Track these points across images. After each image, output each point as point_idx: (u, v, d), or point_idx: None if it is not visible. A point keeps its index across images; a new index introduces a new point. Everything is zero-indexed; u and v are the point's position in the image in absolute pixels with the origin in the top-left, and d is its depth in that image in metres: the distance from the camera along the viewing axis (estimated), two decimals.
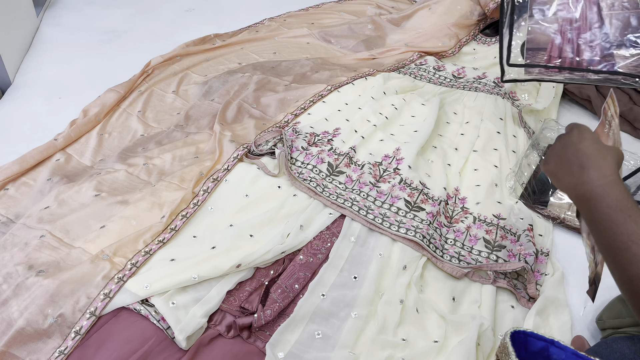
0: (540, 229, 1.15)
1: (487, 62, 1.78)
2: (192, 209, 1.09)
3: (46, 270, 0.94)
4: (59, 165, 1.24)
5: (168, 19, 2.07)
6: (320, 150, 1.26)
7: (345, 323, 0.93)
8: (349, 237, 1.07)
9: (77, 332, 0.87)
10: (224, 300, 0.93)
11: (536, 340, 0.60)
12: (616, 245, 0.60)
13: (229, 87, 1.55)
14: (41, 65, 1.69)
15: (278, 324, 0.91)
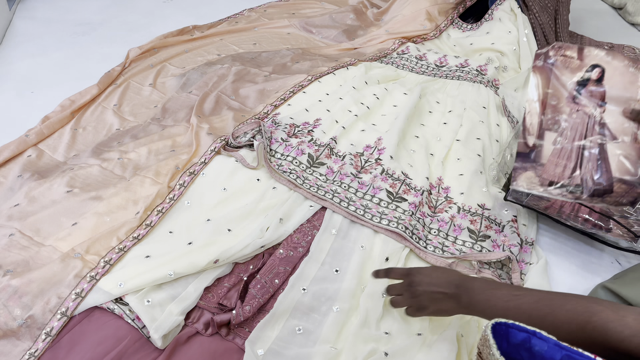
0: (524, 219, 1.14)
1: (467, 49, 1.76)
2: (168, 204, 1.06)
3: (14, 269, 0.91)
4: (30, 162, 1.20)
5: (145, 10, 2.02)
6: (301, 142, 1.24)
7: (326, 317, 0.90)
8: (330, 230, 1.05)
9: (48, 333, 0.83)
10: (202, 297, 0.91)
11: (518, 331, 0.58)
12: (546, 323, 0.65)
13: (207, 79, 1.52)
14: (13, 59, 1.64)
15: (258, 320, 0.89)
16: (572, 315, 0.62)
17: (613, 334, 0.57)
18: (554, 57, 1.08)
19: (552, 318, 0.64)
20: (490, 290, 0.72)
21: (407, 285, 0.82)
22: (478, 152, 1.27)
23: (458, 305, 0.75)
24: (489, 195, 1.17)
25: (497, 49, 1.70)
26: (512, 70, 1.67)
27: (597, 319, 0.60)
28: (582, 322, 0.61)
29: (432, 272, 0.81)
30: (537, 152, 1.08)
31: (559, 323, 0.63)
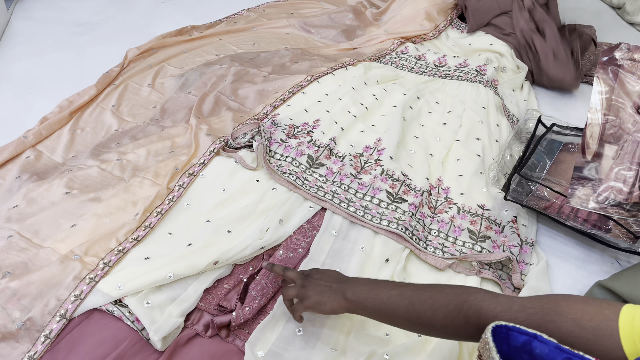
0: (524, 219, 1.14)
1: (466, 49, 1.76)
2: (168, 205, 1.05)
3: (13, 272, 0.90)
4: (28, 163, 1.20)
5: (143, 10, 2.01)
6: (300, 142, 1.23)
7: (327, 319, 0.90)
8: (329, 231, 1.05)
9: (47, 335, 0.83)
10: (202, 298, 0.91)
11: (518, 334, 0.57)
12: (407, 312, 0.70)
13: (206, 80, 1.51)
14: (11, 59, 1.63)
15: (258, 321, 0.88)
16: (450, 297, 0.66)
17: (486, 310, 0.60)
18: (621, 59, 1.01)
19: (432, 301, 0.67)
20: (375, 282, 0.77)
21: (304, 276, 0.83)
22: (478, 152, 1.27)
23: (341, 297, 0.77)
24: (488, 196, 1.17)
25: (496, 50, 1.70)
26: (511, 71, 1.67)
27: (473, 298, 0.63)
28: (459, 302, 0.64)
29: (327, 271, 0.84)
30: (596, 167, 1.01)
31: (438, 305, 0.66)
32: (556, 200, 1.13)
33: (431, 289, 0.70)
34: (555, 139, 1.33)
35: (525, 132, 1.36)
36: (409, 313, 0.69)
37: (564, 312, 0.55)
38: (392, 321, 0.73)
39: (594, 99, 1.03)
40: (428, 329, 0.69)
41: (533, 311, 0.57)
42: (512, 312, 0.58)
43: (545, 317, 0.56)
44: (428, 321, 0.67)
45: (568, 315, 0.55)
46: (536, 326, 0.54)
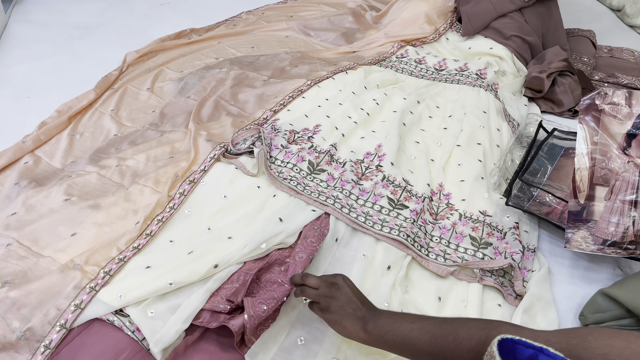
0: (526, 225, 1.13)
1: (466, 52, 1.75)
2: (168, 213, 1.04)
3: (12, 281, 0.89)
4: (27, 169, 1.19)
5: (142, 13, 2.00)
6: (301, 148, 1.23)
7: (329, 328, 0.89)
8: (333, 238, 1.04)
9: (47, 346, 0.82)
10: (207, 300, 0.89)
11: (525, 348, 0.57)
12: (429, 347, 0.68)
13: (205, 84, 1.51)
14: (9, 63, 1.63)
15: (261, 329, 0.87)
16: (473, 332, 0.64)
17: None
18: (601, 104, 1.04)
19: (454, 336, 0.66)
20: (397, 315, 0.75)
21: (330, 284, 0.81)
22: (479, 157, 1.27)
23: (361, 329, 0.76)
24: (490, 202, 1.16)
25: (496, 54, 1.70)
26: (511, 75, 1.67)
27: (497, 333, 0.60)
28: (482, 336, 0.62)
29: (355, 289, 0.81)
30: (589, 210, 1.04)
31: (461, 339, 0.65)
32: (558, 206, 1.13)
33: (454, 322, 0.69)
34: (557, 143, 1.33)
35: (526, 137, 1.36)
36: (431, 347, 0.68)
37: (591, 347, 0.54)
38: (414, 355, 0.72)
39: (579, 145, 1.05)
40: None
41: (559, 347, 0.56)
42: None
43: (573, 354, 0.55)
44: (451, 356, 0.66)
45: (596, 350, 0.54)
46: None
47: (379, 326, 0.74)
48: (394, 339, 0.72)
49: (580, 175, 1.04)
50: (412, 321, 0.72)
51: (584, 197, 1.04)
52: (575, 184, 1.04)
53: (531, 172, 1.21)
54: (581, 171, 1.05)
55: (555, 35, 1.80)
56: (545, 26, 1.78)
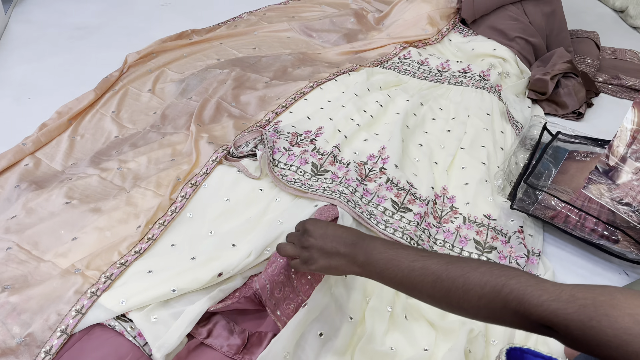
0: (531, 229, 1.13)
1: (469, 54, 1.74)
2: (170, 217, 1.03)
3: (13, 285, 0.89)
4: (27, 171, 1.18)
5: (142, 14, 1.99)
6: (303, 151, 1.22)
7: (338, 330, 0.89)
8: None
9: (47, 352, 0.81)
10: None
11: (533, 357, 0.56)
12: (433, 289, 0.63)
13: (206, 85, 1.50)
14: (9, 64, 1.62)
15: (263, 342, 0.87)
16: (486, 277, 0.59)
17: (530, 297, 0.54)
18: None
19: (464, 280, 0.60)
20: (393, 250, 0.68)
21: (301, 234, 0.76)
22: (483, 160, 1.26)
23: (352, 263, 0.70)
24: (494, 205, 1.15)
25: (499, 55, 1.69)
26: (515, 76, 1.66)
27: (515, 282, 0.56)
28: (498, 284, 0.57)
29: (328, 226, 0.75)
30: (615, 173, 1.11)
31: (471, 285, 0.59)
32: (563, 209, 1.12)
33: (463, 264, 0.62)
34: (561, 146, 1.32)
35: (530, 139, 1.35)
36: (435, 290, 0.62)
37: (620, 305, 0.49)
38: (413, 295, 0.66)
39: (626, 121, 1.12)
40: (455, 308, 0.62)
41: (585, 302, 0.51)
42: (560, 302, 0.52)
43: (599, 311, 0.49)
44: (457, 301, 0.60)
45: (625, 309, 0.49)
46: (587, 319, 0.49)
47: (374, 262, 0.68)
48: (392, 277, 0.67)
49: (618, 144, 1.11)
50: (413, 259, 0.65)
51: (614, 162, 1.10)
52: (612, 146, 1.12)
53: (536, 175, 1.20)
54: (620, 140, 1.11)
55: (559, 36, 1.79)
56: (549, 27, 1.77)
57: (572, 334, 0.50)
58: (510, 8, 1.77)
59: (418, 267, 0.64)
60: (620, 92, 1.73)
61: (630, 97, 1.71)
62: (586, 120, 1.59)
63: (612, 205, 1.06)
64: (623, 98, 1.71)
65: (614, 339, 0.47)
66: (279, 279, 0.86)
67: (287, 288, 0.87)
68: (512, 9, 1.77)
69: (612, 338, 0.47)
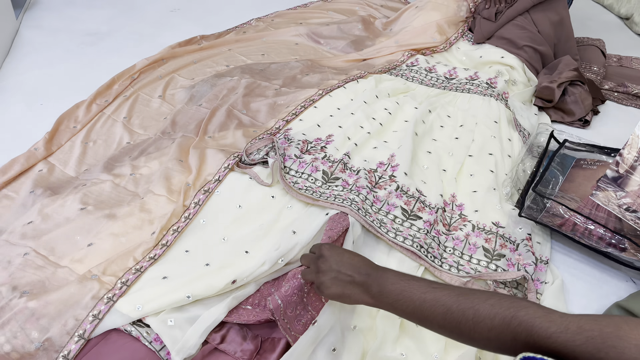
0: (539, 237, 1.14)
1: (477, 61, 1.76)
2: (184, 223, 1.05)
3: (31, 291, 0.90)
4: (41, 177, 1.20)
5: (152, 20, 2.02)
6: (314, 158, 1.23)
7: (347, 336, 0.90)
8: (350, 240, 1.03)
9: (65, 356, 0.83)
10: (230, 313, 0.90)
11: None
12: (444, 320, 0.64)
13: (217, 92, 1.51)
14: (21, 69, 1.64)
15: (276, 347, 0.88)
16: (496, 310, 0.60)
17: (539, 330, 0.55)
18: None
19: (474, 312, 0.61)
20: (405, 281, 0.70)
21: (316, 258, 0.78)
22: (491, 167, 1.27)
23: (365, 293, 0.72)
24: (502, 213, 1.17)
25: (507, 63, 1.70)
26: (522, 84, 1.67)
27: (524, 314, 0.57)
28: (507, 316, 0.58)
29: (344, 253, 0.77)
30: (624, 180, 1.11)
31: (481, 317, 0.61)
32: (570, 217, 1.13)
33: (473, 297, 0.64)
34: (568, 154, 1.33)
35: (537, 147, 1.37)
36: (446, 321, 0.64)
37: (627, 337, 0.51)
38: (425, 325, 0.68)
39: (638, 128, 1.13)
40: (466, 339, 0.64)
41: (592, 334, 0.52)
42: (568, 334, 0.54)
43: (607, 342, 0.51)
44: (468, 332, 0.62)
45: (631, 341, 0.50)
46: (595, 351, 0.51)
47: (387, 293, 0.70)
48: (404, 309, 0.68)
49: (628, 151, 1.12)
50: (424, 291, 0.67)
51: (624, 170, 1.11)
52: (622, 153, 1.13)
53: (543, 183, 1.21)
54: (631, 148, 1.12)
55: (567, 44, 1.81)
56: (557, 36, 1.79)
57: None
58: (518, 18, 1.79)
59: (429, 298, 0.66)
60: (626, 100, 1.75)
61: (636, 105, 1.72)
62: (592, 128, 1.60)
63: (619, 212, 1.08)
64: (629, 106, 1.72)
65: None
66: (292, 300, 0.87)
67: (299, 306, 0.89)
68: (520, 18, 1.78)
69: None
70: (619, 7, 2.42)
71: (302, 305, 0.88)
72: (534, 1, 1.76)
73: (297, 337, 0.85)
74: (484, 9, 1.87)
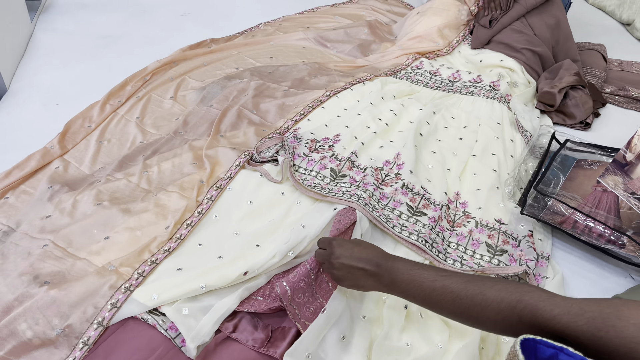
0: (540, 234, 1.17)
1: (478, 65, 1.80)
2: (197, 218, 1.09)
3: (51, 280, 0.94)
4: (58, 174, 1.24)
5: (163, 24, 2.06)
6: (322, 157, 1.27)
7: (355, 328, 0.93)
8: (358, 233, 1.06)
9: (85, 342, 0.86)
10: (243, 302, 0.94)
11: (546, 347, 0.60)
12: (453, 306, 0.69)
13: (227, 93, 1.56)
14: (37, 71, 1.68)
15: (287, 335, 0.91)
16: (502, 294, 0.64)
17: (543, 312, 0.59)
18: None
19: (482, 297, 0.65)
20: (415, 270, 0.74)
21: (328, 255, 0.83)
22: (494, 167, 1.31)
23: (378, 283, 0.77)
24: (505, 210, 1.20)
25: (506, 66, 1.74)
26: (523, 86, 1.71)
27: (529, 298, 0.61)
28: (513, 300, 0.62)
29: (354, 247, 0.81)
30: (630, 168, 1.16)
31: (489, 302, 0.64)
32: (571, 215, 1.17)
33: (480, 283, 0.67)
34: (569, 154, 1.36)
35: (538, 148, 1.40)
36: (455, 306, 0.68)
37: (625, 317, 0.54)
38: (435, 310, 0.73)
39: None
40: (474, 322, 0.68)
41: (592, 315, 0.56)
42: (570, 315, 0.57)
43: (606, 322, 0.55)
44: (476, 316, 0.66)
45: (630, 320, 0.54)
46: (596, 331, 0.54)
47: (398, 283, 0.74)
48: (415, 296, 0.73)
49: (637, 142, 1.15)
50: (433, 280, 0.71)
51: (630, 158, 1.15)
52: (630, 143, 1.16)
53: (545, 182, 1.25)
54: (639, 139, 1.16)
55: (565, 45, 1.85)
56: (555, 38, 1.83)
57: (583, 344, 0.55)
58: (515, 23, 1.83)
59: (438, 286, 0.70)
60: (626, 103, 1.78)
61: (637, 108, 1.76)
62: (593, 130, 1.64)
63: (625, 197, 1.12)
64: (629, 109, 1.76)
65: (621, 347, 0.52)
66: (299, 286, 0.92)
67: (307, 294, 0.93)
68: (516, 23, 1.83)
69: (620, 347, 0.52)
70: (621, 13, 2.46)
71: (310, 292, 0.92)
72: (528, 8, 1.80)
73: (305, 324, 0.89)
74: (482, 16, 1.92)
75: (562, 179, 1.28)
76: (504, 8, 1.86)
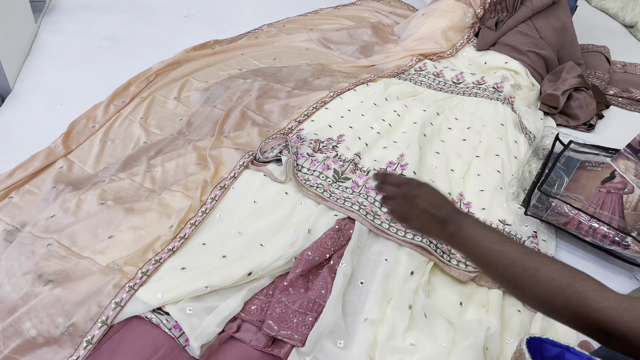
0: (544, 235, 1.17)
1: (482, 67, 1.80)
2: (201, 217, 1.09)
3: (56, 279, 0.94)
4: (62, 173, 1.24)
5: (167, 25, 2.07)
6: (326, 157, 1.27)
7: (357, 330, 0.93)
8: (356, 242, 1.07)
9: (89, 341, 0.86)
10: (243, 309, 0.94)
11: (552, 346, 0.61)
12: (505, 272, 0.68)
13: (231, 94, 1.56)
14: (41, 71, 1.69)
15: None
16: (555, 275, 0.63)
17: (592, 302, 0.59)
18: None
19: (534, 272, 0.65)
20: (479, 229, 0.74)
21: (405, 193, 0.82)
22: (497, 168, 1.31)
23: (442, 231, 0.77)
24: (509, 211, 1.20)
25: (511, 68, 1.74)
26: (526, 88, 1.71)
27: (580, 285, 0.61)
28: (564, 283, 0.62)
29: (431, 192, 0.82)
30: None
31: (539, 278, 0.64)
32: (575, 216, 1.16)
33: (536, 258, 0.67)
34: (573, 156, 1.36)
35: (542, 149, 1.40)
36: (507, 273, 0.68)
37: None
38: (486, 272, 0.73)
39: None
40: (519, 293, 0.68)
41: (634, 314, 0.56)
42: (618, 310, 0.57)
43: None
44: (523, 288, 0.66)
45: None
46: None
47: (460, 235, 0.75)
48: (472, 252, 0.73)
49: None
50: (494, 242, 0.71)
51: None
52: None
53: (549, 183, 1.25)
54: None
55: (570, 49, 1.85)
56: (560, 41, 1.83)
57: (629, 340, 0.55)
58: (520, 25, 1.83)
59: (497, 249, 0.70)
60: (630, 105, 1.78)
61: None
62: (597, 132, 1.63)
63: (635, 182, 1.12)
64: (633, 111, 1.76)
65: None
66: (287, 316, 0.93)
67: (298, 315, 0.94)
68: (522, 25, 1.82)
69: None
70: (624, 15, 2.46)
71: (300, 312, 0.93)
72: (534, 10, 1.80)
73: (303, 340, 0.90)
74: (489, 18, 1.92)
75: (566, 180, 1.28)
76: (511, 10, 1.86)
